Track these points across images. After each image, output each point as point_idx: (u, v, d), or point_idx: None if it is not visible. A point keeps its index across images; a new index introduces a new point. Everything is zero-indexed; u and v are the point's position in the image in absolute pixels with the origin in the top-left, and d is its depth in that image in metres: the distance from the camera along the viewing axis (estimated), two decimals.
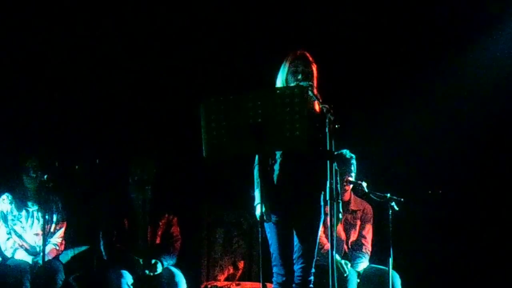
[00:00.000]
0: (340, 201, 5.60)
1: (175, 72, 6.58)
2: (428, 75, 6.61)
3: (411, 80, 6.60)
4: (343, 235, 5.79)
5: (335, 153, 4.33)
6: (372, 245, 5.88)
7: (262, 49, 6.25)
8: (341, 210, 5.71)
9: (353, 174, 5.72)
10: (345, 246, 5.80)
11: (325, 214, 4.39)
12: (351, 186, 5.78)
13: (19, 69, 6.44)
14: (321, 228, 5.37)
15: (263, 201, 4.48)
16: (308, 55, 4.62)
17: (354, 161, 5.73)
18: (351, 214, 5.86)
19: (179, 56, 6.59)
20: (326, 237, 5.49)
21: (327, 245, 5.44)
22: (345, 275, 5.52)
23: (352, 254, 5.80)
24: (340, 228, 5.75)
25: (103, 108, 6.58)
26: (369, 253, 5.85)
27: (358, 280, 5.66)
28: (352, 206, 5.87)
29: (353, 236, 5.85)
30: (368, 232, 5.88)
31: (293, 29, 6.38)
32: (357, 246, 5.83)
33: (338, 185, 4.29)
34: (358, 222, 5.88)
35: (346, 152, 5.71)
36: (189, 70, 6.55)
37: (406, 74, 6.59)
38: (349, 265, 5.65)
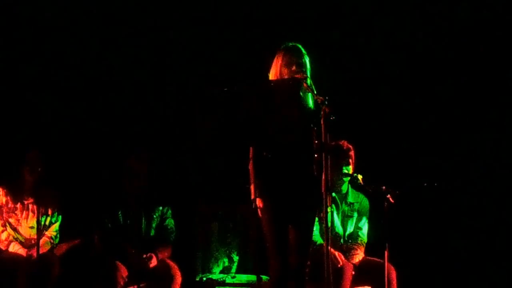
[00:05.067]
0: (336, 193, 5.68)
1: (170, 64, 6.57)
2: (425, 66, 6.60)
3: (408, 71, 6.59)
4: (340, 229, 5.77)
5: (332, 144, 4.32)
6: (368, 238, 5.87)
7: (256, 42, 6.23)
8: (339, 202, 5.76)
9: (350, 166, 5.71)
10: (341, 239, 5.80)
11: (321, 207, 4.38)
12: (349, 178, 5.76)
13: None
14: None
15: (258, 194, 4.47)
16: (300, 47, 4.60)
17: (351, 153, 5.72)
18: (348, 206, 5.85)
19: (174, 49, 6.58)
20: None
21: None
22: (338, 265, 5.51)
23: (347, 246, 5.78)
24: (338, 222, 5.74)
25: (99, 101, 6.57)
26: (364, 245, 5.84)
27: (354, 272, 5.65)
28: (349, 198, 5.86)
29: (350, 228, 5.84)
30: (364, 224, 5.87)
31: (287, 21, 6.37)
32: (353, 238, 5.82)
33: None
34: (355, 215, 5.86)
35: (344, 144, 5.69)
36: (184, 63, 6.54)
37: (402, 65, 6.57)
38: (343, 257, 5.63)
